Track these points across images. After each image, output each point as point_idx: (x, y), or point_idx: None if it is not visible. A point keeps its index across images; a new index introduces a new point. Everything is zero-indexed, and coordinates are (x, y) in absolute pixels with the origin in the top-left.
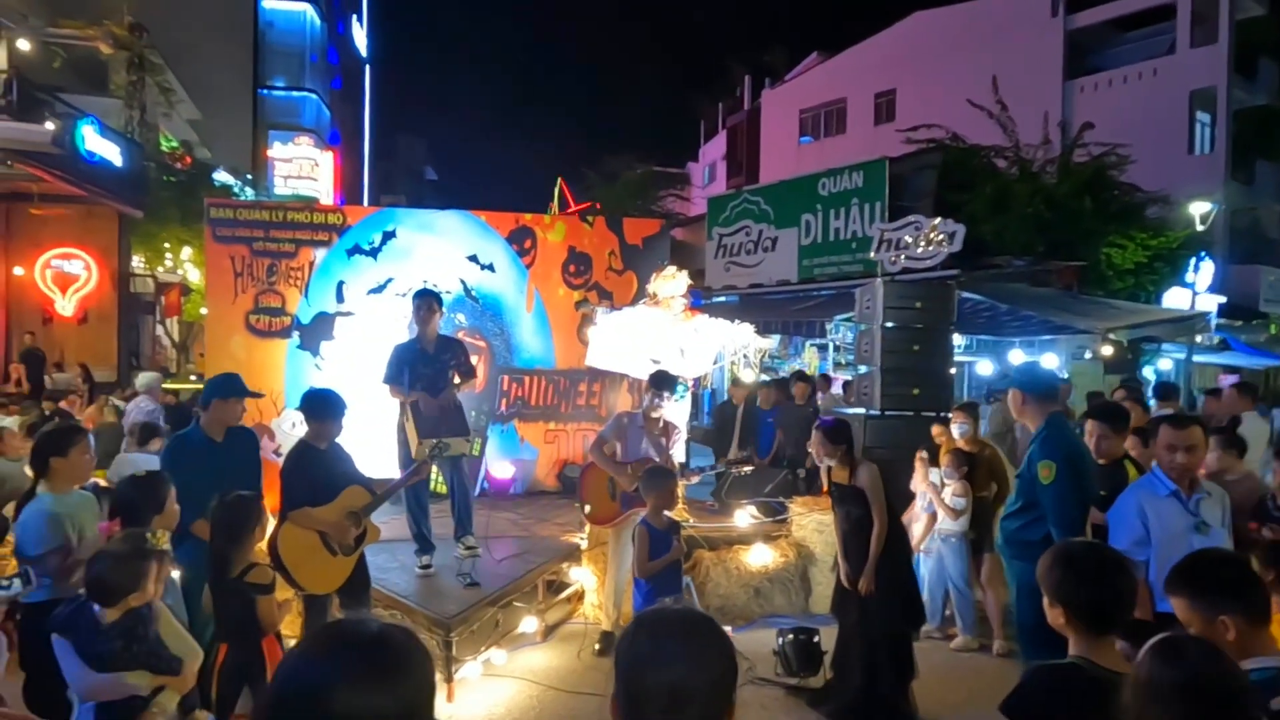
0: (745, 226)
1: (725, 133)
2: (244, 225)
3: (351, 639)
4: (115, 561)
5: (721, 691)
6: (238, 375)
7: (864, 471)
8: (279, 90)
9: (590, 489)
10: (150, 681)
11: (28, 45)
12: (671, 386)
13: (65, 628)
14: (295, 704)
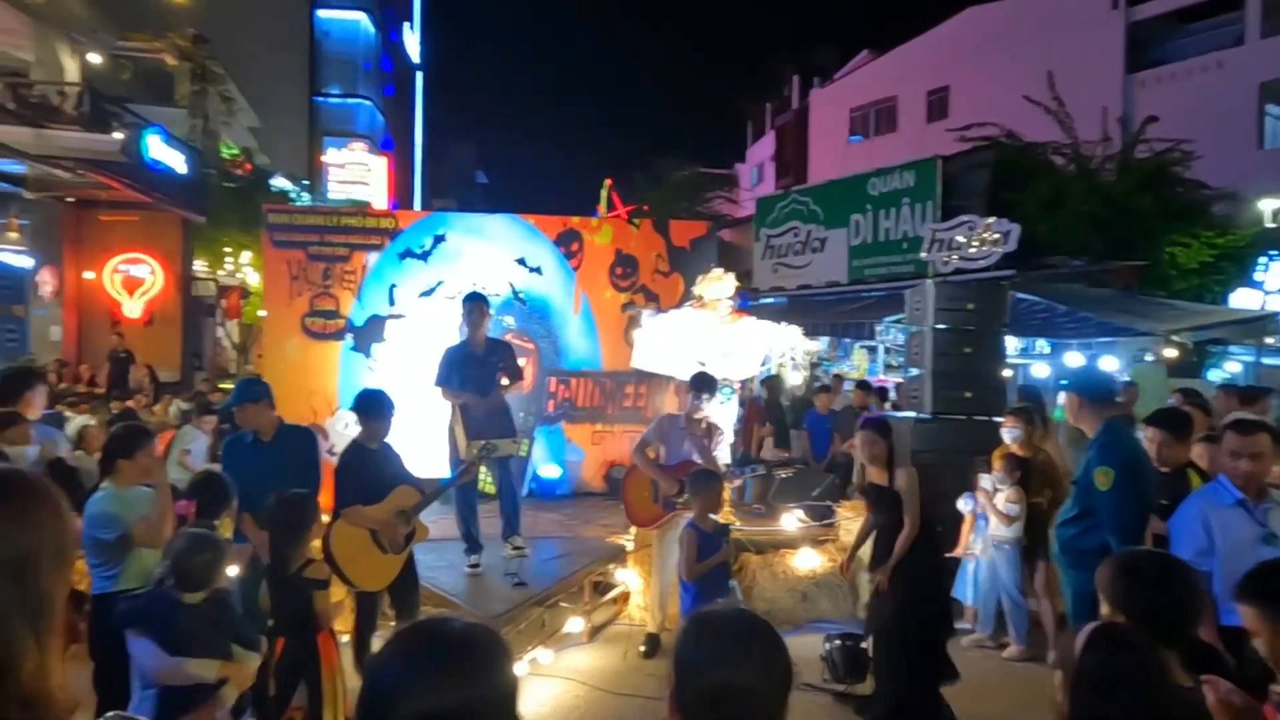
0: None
1: (773, 133)
2: (300, 230)
3: (438, 637)
4: (196, 547)
5: (777, 694)
6: (257, 379)
7: (902, 475)
8: (334, 98)
9: (632, 491)
10: (218, 672)
11: (99, 59)
12: (712, 388)
13: (141, 615)
14: (385, 700)
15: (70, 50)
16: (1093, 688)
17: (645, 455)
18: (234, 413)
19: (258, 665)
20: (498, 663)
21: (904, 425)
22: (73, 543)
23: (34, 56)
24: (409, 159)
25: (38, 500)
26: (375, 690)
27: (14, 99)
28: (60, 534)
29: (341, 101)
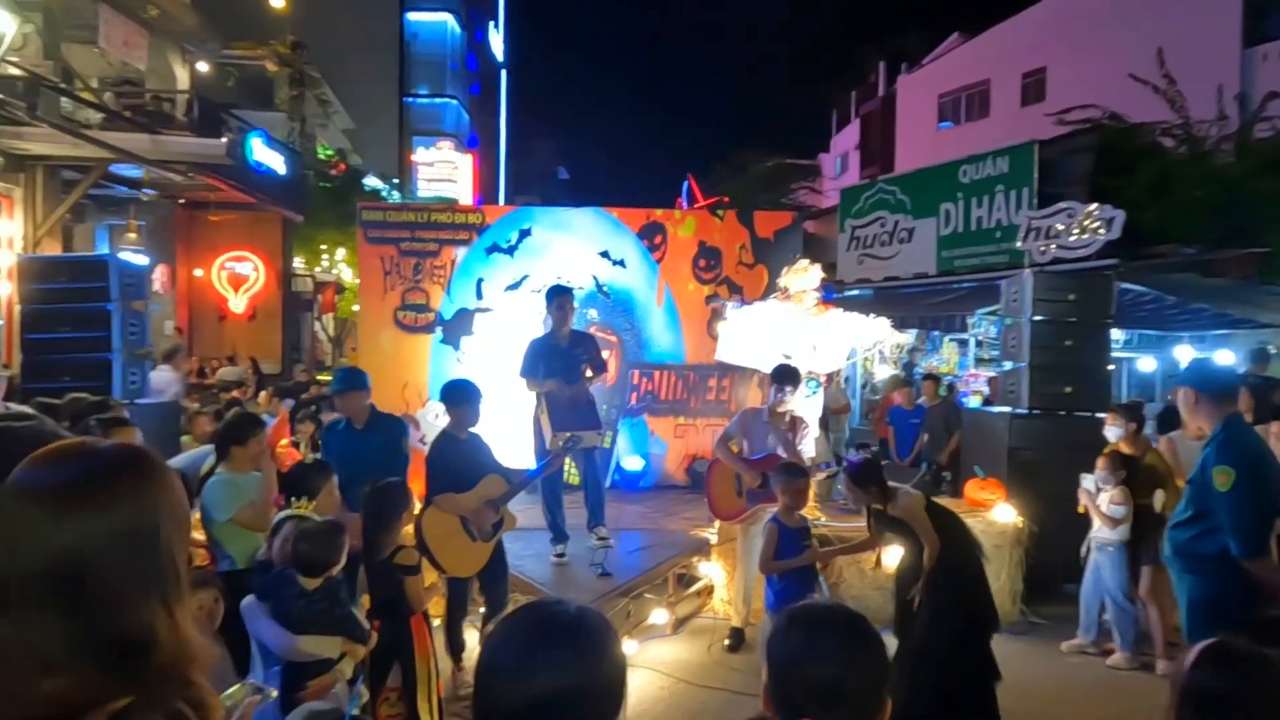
0: (880, 217)
1: (858, 121)
2: (392, 227)
3: (554, 619)
4: (319, 539)
5: (874, 688)
6: (356, 369)
7: (902, 501)
8: (423, 98)
9: (715, 485)
10: (338, 649)
11: (206, 67)
12: (795, 381)
13: (266, 594)
14: (502, 680)
15: (181, 60)
16: (1200, 709)
17: (728, 449)
18: (335, 399)
19: (369, 648)
20: (610, 645)
21: (997, 420)
22: (188, 515)
23: (149, 67)
24: (493, 156)
25: (155, 472)
26: (491, 669)
27: (132, 108)
28: (178, 504)
29: (430, 101)
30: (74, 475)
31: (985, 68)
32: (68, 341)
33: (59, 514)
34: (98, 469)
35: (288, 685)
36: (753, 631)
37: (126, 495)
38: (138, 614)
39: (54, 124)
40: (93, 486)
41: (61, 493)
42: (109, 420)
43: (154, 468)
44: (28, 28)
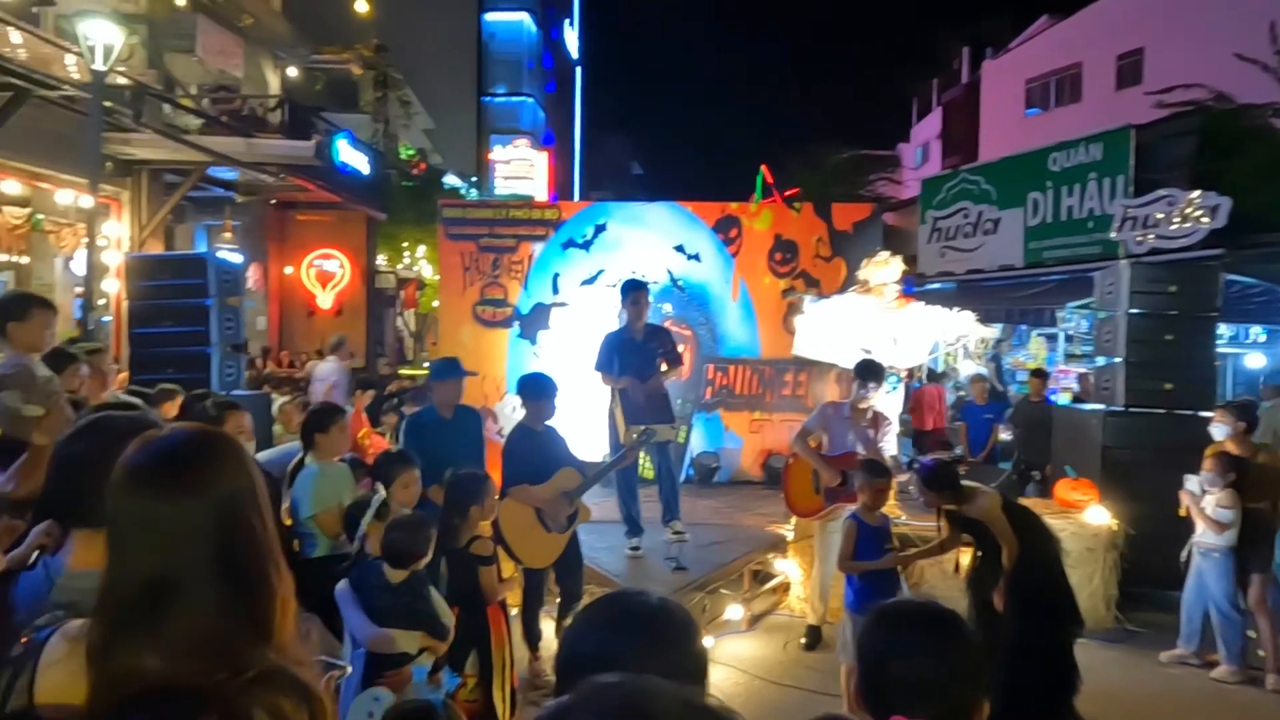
0: (963, 208)
1: (940, 110)
2: (471, 223)
3: (637, 609)
4: (410, 530)
5: (966, 687)
6: (455, 359)
7: (979, 502)
8: (500, 97)
9: (793, 482)
10: (419, 644)
11: (295, 72)
12: (879, 376)
13: (356, 584)
14: (582, 669)
15: (273, 66)
16: None
17: (807, 444)
18: (432, 387)
19: (452, 637)
20: (692, 638)
21: (1090, 418)
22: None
23: (244, 73)
24: (568, 153)
25: (239, 453)
26: (573, 659)
27: (228, 113)
28: (260, 484)
29: (506, 100)
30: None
31: (1076, 51)
32: (170, 336)
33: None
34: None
35: (368, 673)
36: (830, 630)
37: (219, 475)
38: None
39: (157, 130)
40: (192, 467)
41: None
42: (224, 403)
43: (238, 450)
44: (133, 39)
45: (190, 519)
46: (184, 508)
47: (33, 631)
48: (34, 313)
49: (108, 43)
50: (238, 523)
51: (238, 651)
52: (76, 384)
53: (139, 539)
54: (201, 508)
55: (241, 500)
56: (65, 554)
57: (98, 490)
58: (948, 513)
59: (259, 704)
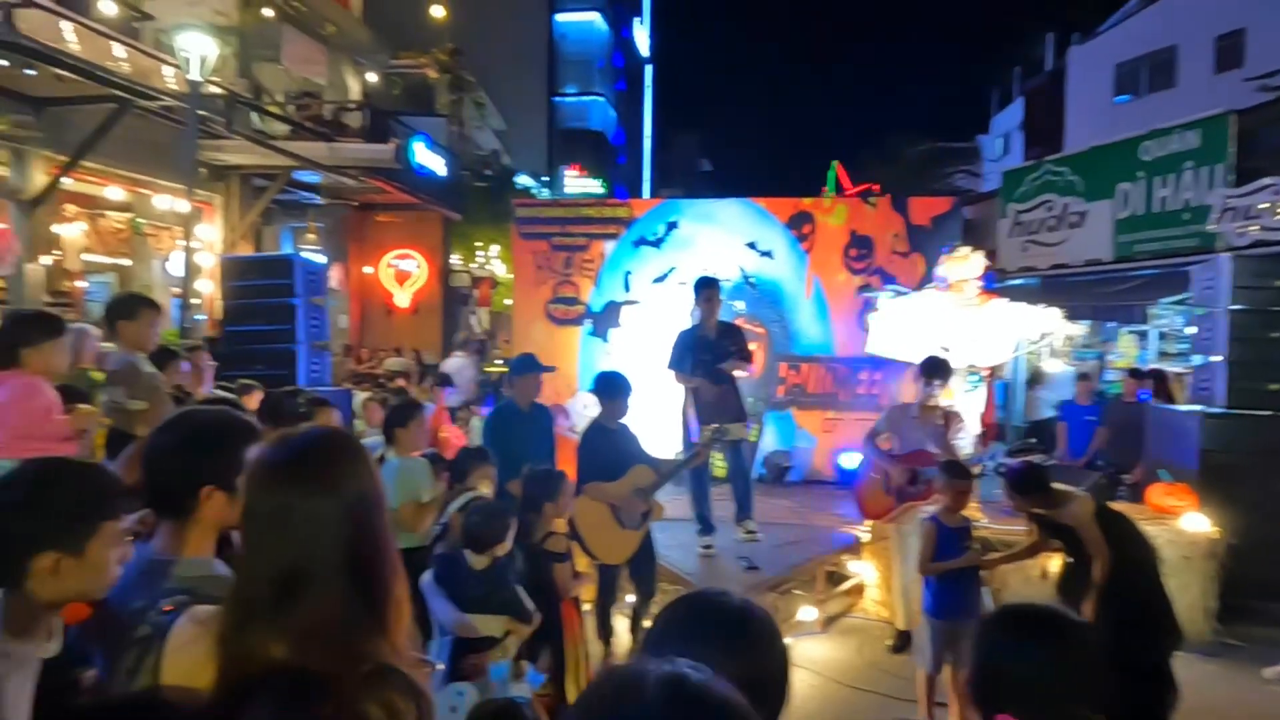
0: (1047, 201)
1: (1022, 99)
2: (544, 222)
3: (717, 609)
4: (488, 515)
5: (1079, 691)
6: (532, 354)
7: (1072, 507)
8: (570, 96)
9: (864, 483)
10: (503, 627)
11: (375, 77)
12: (945, 374)
13: (440, 573)
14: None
15: (354, 72)
16: None
17: (875, 445)
18: (512, 381)
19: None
20: (774, 638)
21: (1187, 420)
22: (383, 489)
23: (326, 80)
24: (638, 150)
25: (360, 457)
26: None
27: (312, 119)
28: (380, 482)
29: (577, 100)
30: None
31: (1171, 32)
32: (260, 334)
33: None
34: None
35: (455, 657)
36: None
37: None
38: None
39: (247, 136)
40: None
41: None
42: (315, 400)
43: (360, 449)
44: (225, 50)
45: (322, 515)
46: (317, 504)
47: (158, 614)
48: (142, 312)
49: (202, 54)
50: (364, 521)
51: (357, 646)
52: (178, 379)
53: (273, 532)
54: (333, 504)
55: (368, 499)
56: (155, 541)
57: (179, 481)
58: (1035, 516)
59: (373, 698)
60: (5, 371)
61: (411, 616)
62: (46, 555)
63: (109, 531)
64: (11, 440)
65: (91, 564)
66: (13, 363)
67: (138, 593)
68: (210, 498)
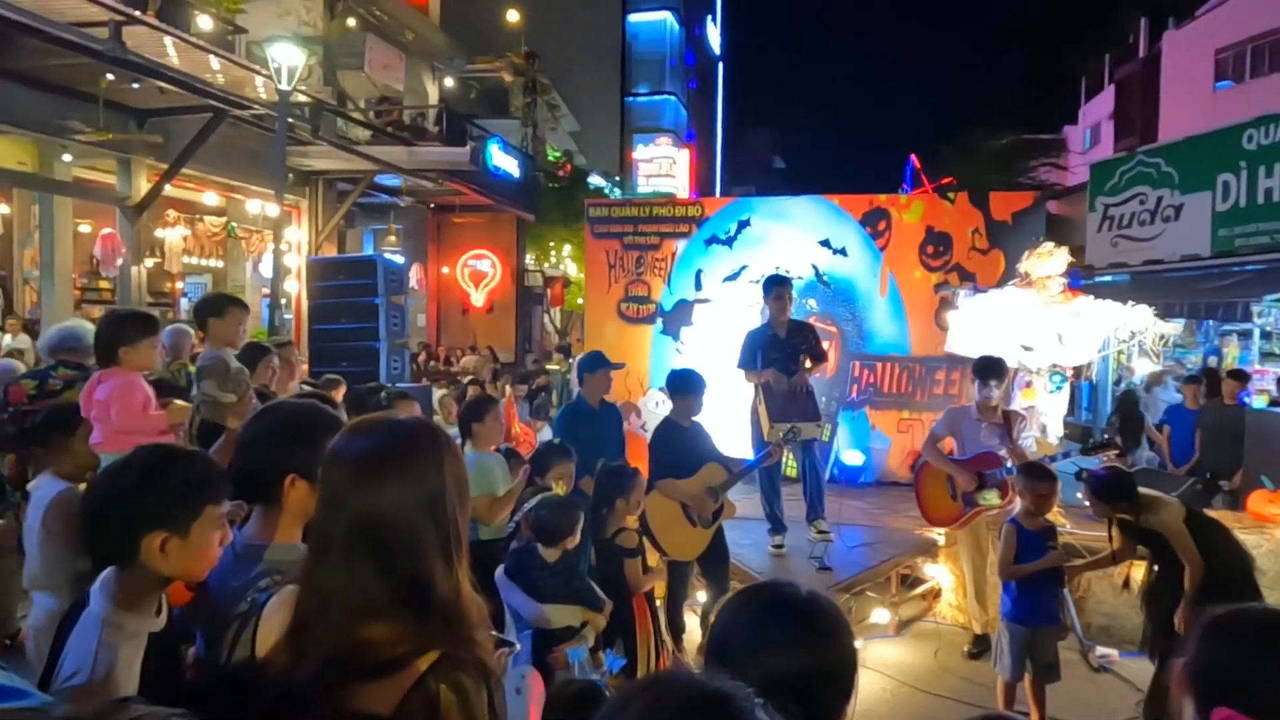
0: (1139, 193)
1: (1113, 87)
2: (616, 222)
3: (785, 599)
4: (557, 509)
5: None
6: (601, 352)
7: (1161, 513)
8: (642, 96)
9: (926, 488)
10: (579, 617)
11: (452, 82)
12: (999, 373)
13: (515, 566)
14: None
15: (431, 77)
16: None
17: (936, 450)
18: (584, 378)
19: (608, 612)
20: (841, 632)
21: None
22: (468, 484)
23: (404, 86)
24: (710, 149)
25: (442, 444)
26: (723, 642)
27: (392, 123)
28: (461, 472)
29: (649, 99)
30: (379, 444)
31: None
32: (345, 332)
33: (367, 476)
34: (399, 440)
35: (537, 649)
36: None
37: (424, 466)
38: (428, 566)
39: (332, 142)
40: (395, 454)
41: (369, 459)
42: (395, 394)
43: (444, 441)
44: (312, 60)
45: (403, 502)
46: (398, 491)
47: (255, 593)
48: (230, 310)
49: (291, 64)
50: (443, 509)
51: (430, 627)
52: (269, 375)
53: (353, 516)
54: (415, 492)
55: (447, 488)
56: (249, 527)
57: (266, 469)
58: (1121, 522)
59: (444, 678)
60: (106, 370)
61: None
62: (156, 535)
63: (211, 515)
64: (115, 435)
65: (195, 544)
66: (112, 361)
67: (234, 574)
68: (294, 486)
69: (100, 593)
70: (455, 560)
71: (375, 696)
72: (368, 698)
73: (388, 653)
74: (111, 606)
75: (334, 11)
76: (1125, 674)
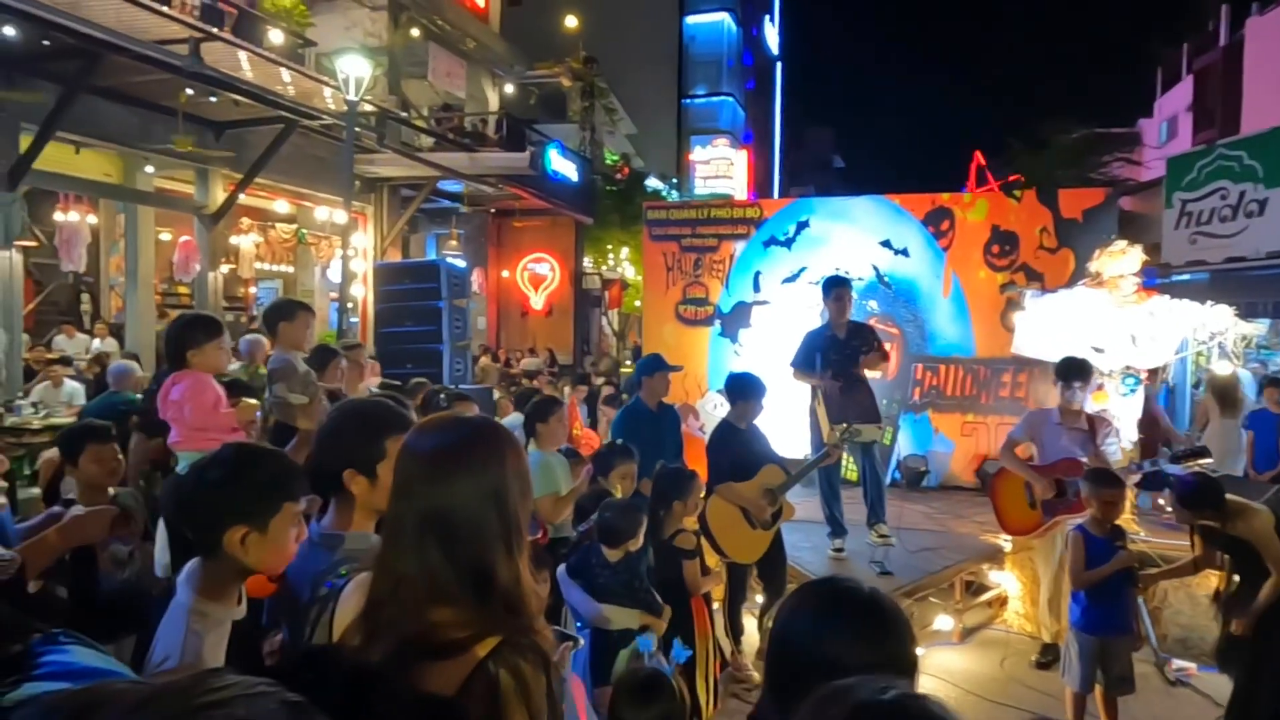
0: (1220, 188)
1: (1192, 78)
2: (674, 224)
3: (848, 595)
4: (621, 511)
5: None
6: (659, 355)
7: (1249, 519)
8: (700, 98)
9: (1004, 496)
10: (639, 620)
11: (511, 88)
12: (1084, 376)
13: (576, 568)
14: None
15: (492, 84)
16: None
17: (1014, 455)
18: (642, 380)
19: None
20: (901, 629)
21: None
22: (530, 481)
23: (465, 93)
24: (768, 150)
25: (506, 441)
26: (785, 635)
27: (453, 130)
28: (523, 468)
29: (706, 101)
30: (448, 440)
31: None
32: (410, 334)
33: (436, 469)
34: (466, 437)
35: (595, 650)
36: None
37: (487, 461)
38: (490, 555)
39: (396, 149)
40: (462, 450)
41: (438, 454)
42: (454, 395)
43: (506, 438)
44: (378, 71)
45: (468, 493)
46: (463, 485)
47: (335, 577)
48: (299, 314)
49: (359, 75)
50: (505, 504)
51: (492, 613)
52: (338, 376)
53: (423, 506)
54: (479, 486)
55: (509, 482)
56: (326, 519)
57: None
58: (1205, 529)
59: (504, 664)
60: (178, 373)
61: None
62: (238, 529)
63: (289, 511)
64: (190, 433)
65: (273, 539)
66: (182, 364)
67: (314, 562)
68: (353, 480)
69: (186, 583)
70: (516, 550)
71: (440, 678)
72: (434, 678)
73: (453, 635)
74: (197, 596)
75: (398, 22)
76: (1204, 688)
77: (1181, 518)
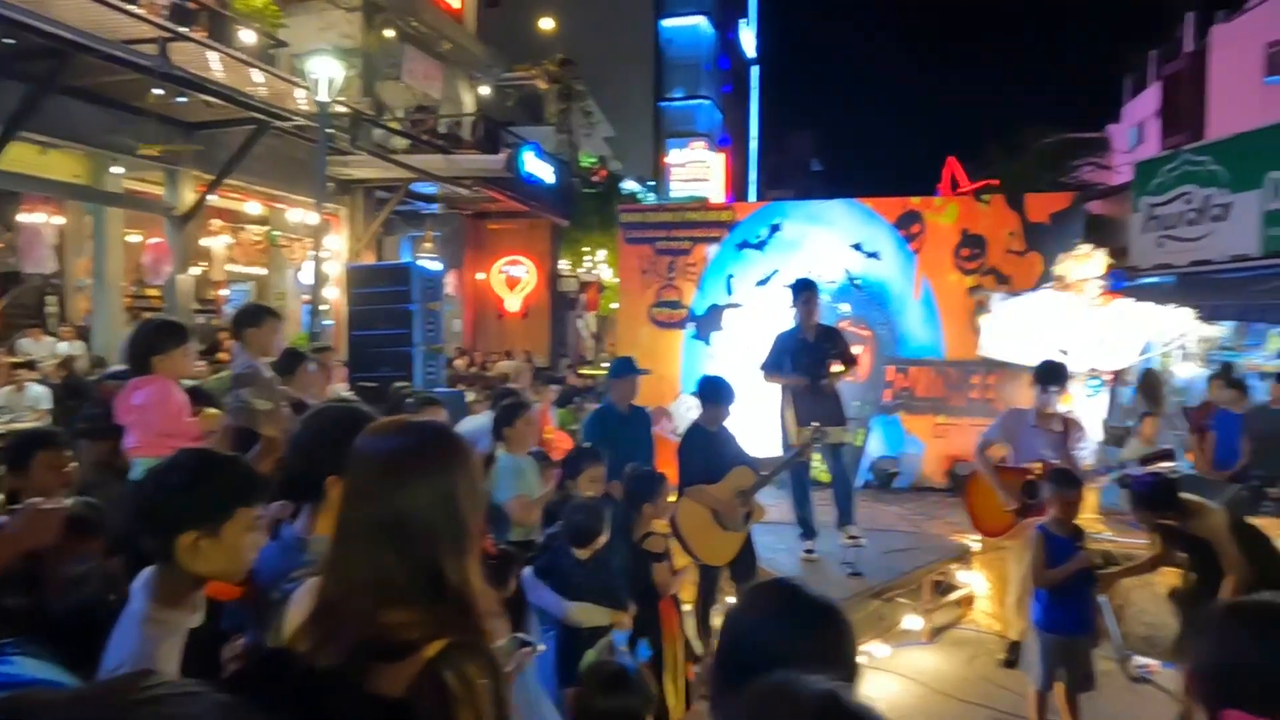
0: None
1: (1160, 84)
2: (649, 227)
3: (798, 594)
4: (585, 510)
5: None
6: (630, 358)
7: (1207, 519)
8: (677, 101)
9: (979, 498)
10: (608, 618)
11: (488, 90)
12: (1060, 379)
13: (544, 569)
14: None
15: (468, 86)
16: None
17: (986, 459)
18: (611, 384)
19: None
20: (849, 627)
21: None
22: (483, 485)
23: (442, 94)
24: (744, 153)
25: (459, 450)
26: (735, 641)
27: (428, 132)
28: (475, 475)
29: (683, 104)
30: (403, 444)
31: None
32: (382, 337)
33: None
34: (421, 441)
35: (564, 651)
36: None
37: (437, 468)
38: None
39: (371, 151)
40: (416, 454)
41: (394, 457)
42: (422, 399)
43: (459, 447)
44: (351, 71)
45: (422, 499)
46: (418, 489)
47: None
48: (266, 320)
49: (331, 76)
50: (457, 507)
51: (443, 615)
52: (307, 380)
53: (371, 512)
54: (433, 489)
55: (462, 488)
56: (298, 523)
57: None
58: (1164, 528)
59: (451, 667)
60: (141, 378)
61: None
62: (189, 534)
63: (244, 517)
64: (153, 439)
65: (227, 545)
66: (146, 369)
67: (287, 565)
68: (335, 486)
69: (142, 590)
70: (466, 554)
71: (390, 679)
72: (384, 680)
73: (404, 636)
74: (152, 603)
75: (373, 24)
76: (1166, 685)
77: (1140, 518)
